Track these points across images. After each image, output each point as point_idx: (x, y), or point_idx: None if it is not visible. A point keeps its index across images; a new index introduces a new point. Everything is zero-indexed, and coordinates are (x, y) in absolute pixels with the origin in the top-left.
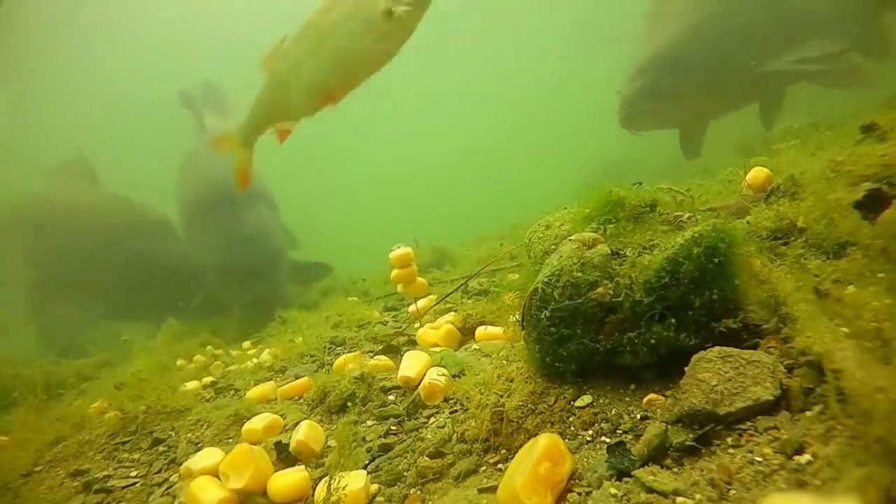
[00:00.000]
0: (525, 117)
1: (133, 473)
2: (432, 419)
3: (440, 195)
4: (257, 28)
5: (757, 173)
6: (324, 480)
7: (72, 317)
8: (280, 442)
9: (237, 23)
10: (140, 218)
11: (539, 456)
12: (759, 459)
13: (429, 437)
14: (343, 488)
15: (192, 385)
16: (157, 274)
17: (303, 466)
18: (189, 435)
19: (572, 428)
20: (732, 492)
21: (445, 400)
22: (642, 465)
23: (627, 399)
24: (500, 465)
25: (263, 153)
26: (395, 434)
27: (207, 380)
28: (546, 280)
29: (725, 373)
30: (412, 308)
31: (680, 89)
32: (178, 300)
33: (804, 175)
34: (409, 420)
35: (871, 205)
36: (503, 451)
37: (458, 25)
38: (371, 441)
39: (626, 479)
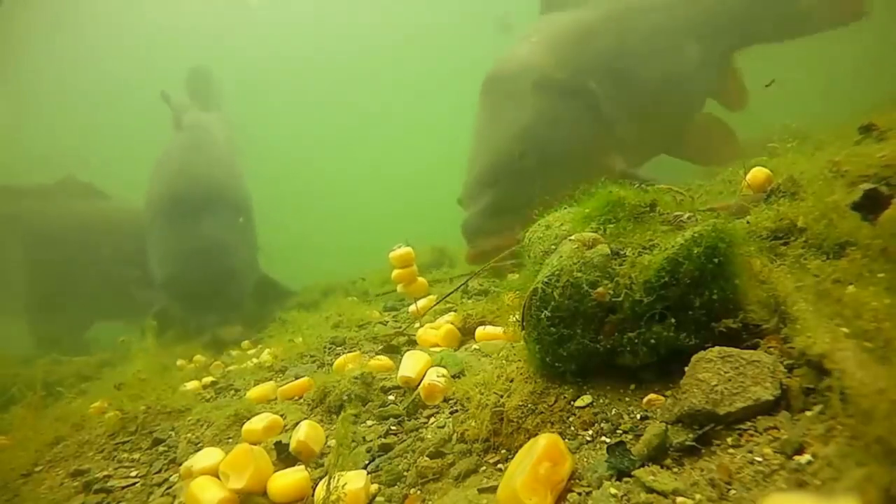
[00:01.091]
0: None
1: (133, 473)
2: (432, 419)
3: (439, 194)
4: (256, 27)
5: (757, 173)
6: (324, 480)
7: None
8: (280, 442)
9: (237, 23)
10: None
11: (539, 456)
12: (759, 459)
13: (429, 437)
14: (342, 487)
15: (192, 385)
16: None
17: (303, 466)
18: (189, 435)
19: (572, 428)
20: (732, 492)
21: (445, 400)
22: (642, 465)
23: (627, 399)
24: (500, 465)
25: (258, 153)
26: (395, 434)
27: (207, 380)
28: (546, 280)
29: (725, 373)
30: (412, 308)
31: (525, 198)
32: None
33: (804, 175)
34: (409, 420)
35: (869, 205)
36: (503, 451)
37: (456, 22)
38: (371, 441)
39: (626, 479)
